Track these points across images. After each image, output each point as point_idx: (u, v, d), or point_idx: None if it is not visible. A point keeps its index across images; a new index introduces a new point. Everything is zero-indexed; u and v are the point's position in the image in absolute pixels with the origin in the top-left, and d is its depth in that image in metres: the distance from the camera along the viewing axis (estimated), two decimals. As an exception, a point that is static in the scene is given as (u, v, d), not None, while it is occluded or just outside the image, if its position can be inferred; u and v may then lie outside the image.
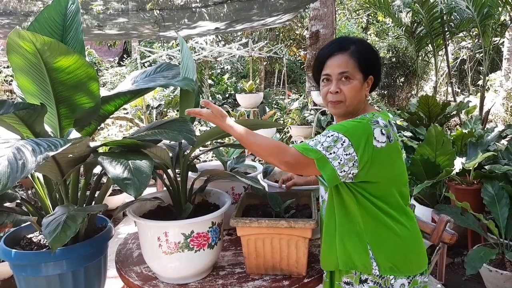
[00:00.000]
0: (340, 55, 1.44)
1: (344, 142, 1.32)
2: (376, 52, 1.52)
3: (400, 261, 1.41)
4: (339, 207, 1.46)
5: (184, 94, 1.72)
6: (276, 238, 1.61)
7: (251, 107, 5.65)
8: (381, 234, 1.41)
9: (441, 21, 6.15)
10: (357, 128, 1.35)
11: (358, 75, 1.43)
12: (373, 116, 1.40)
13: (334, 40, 1.52)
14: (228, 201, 1.71)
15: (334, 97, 1.45)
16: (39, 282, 1.70)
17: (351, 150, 1.32)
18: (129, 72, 12.27)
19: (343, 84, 1.43)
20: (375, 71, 1.49)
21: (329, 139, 1.34)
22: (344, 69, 1.42)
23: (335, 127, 1.37)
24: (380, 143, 1.35)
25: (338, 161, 1.32)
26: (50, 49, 1.28)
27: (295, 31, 12.63)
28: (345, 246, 1.44)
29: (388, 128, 1.39)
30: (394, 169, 1.42)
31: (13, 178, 1.07)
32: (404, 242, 1.42)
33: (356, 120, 1.40)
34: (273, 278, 1.64)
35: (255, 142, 1.40)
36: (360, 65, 1.43)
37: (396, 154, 1.42)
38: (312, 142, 1.36)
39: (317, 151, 1.33)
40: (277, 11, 5.98)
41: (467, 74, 11.63)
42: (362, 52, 1.44)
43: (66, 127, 1.61)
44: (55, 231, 1.30)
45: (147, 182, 1.29)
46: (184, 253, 1.55)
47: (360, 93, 1.45)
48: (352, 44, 1.45)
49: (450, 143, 3.22)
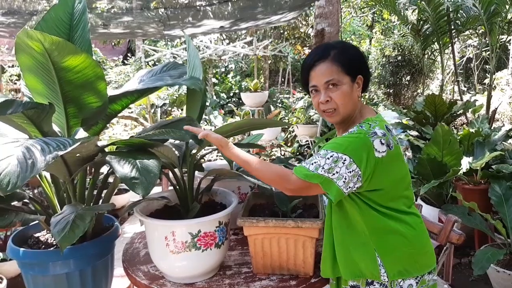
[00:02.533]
0: (322, 63, 1.40)
1: (345, 161, 1.31)
2: (359, 50, 1.48)
3: (408, 263, 1.40)
4: (341, 218, 1.45)
5: (191, 93, 1.72)
6: (283, 238, 1.60)
7: (256, 106, 5.64)
8: (387, 239, 1.40)
9: (447, 19, 6.10)
10: (356, 144, 1.33)
11: (345, 79, 1.39)
12: (369, 127, 1.37)
13: (315, 49, 1.48)
14: (235, 200, 1.71)
15: (327, 106, 1.43)
16: (46, 280, 1.71)
17: (354, 166, 1.31)
18: (134, 71, 12.29)
19: (332, 91, 1.40)
20: (363, 69, 1.45)
21: (329, 161, 1.32)
22: (329, 77, 1.39)
23: (332, 146, 1.35)
24: (381, 153, 1.33)
25: (343, 180, 1.31)
26: (58, 49, 1.28)
27: (300, 29, 12.60)
28: (351, 256, 1.43)
29: (387, 135, 1.37)
30: (397, 174, 1.41)
31: (22, 177, 1.07)
32: (411, 243, 1.41)
33: (352, 135, 1.36)
34: (280, 277, 1.64)
35: (257, 170, 1.42)
36: (345, 68, 1.39)
37: (398, 159, 1.40)
38: (312, 166, 1.34)
39: (319, 175, 1.32)
40: (282, 9, 5.96)
41: (473, 72, 11.55)
42: (344, 55, 1.41)
43: (73, 127, 1.61)
44: (64, 230, 1.31)
45: (155, 181, 1.29)
46: (191, 252, 1.55)
47: (351, 96, 1.41)
48: (332, 50, 1.41)
49: (457, 142, 3.20)
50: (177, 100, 9.39)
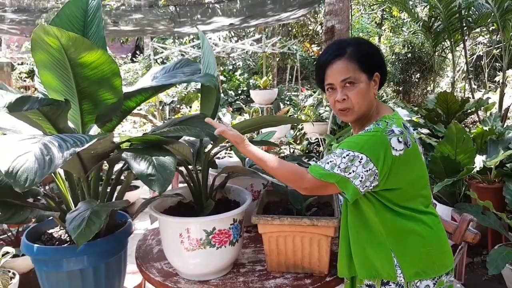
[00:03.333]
0: (338, 61, 1.37)
1: (361, 160, 1.29)
2: (376, 47, 1.45)
3: (426, 264, 1.38)
4: (357, 218, 1.43)
5: (205, 90, 1.71)
6: (298, 236, 1.59)
7: (265, 103, 5.62)
8: (404, 239, 1.38)
9: (459, 16, 6.03)
10: (373, 142, 1.31)
11: (362, 77, 1.37)
12: (386, 125, 1.34)
13: (330, 46, 1.44)
14: (248, 198, 1.70)
15: (343, 105, 1.40)
16: (60, 277, 1.71)
17: (371, 165, 1.29)
18: (142, 68, 12.32)
19: (348, 90, 1.37)
20: (379, 67, 1.42)
21: (345, 160, 1.30)
22: (346, 75, 1.36)
23: (349, 145, 1.33)
24: (398, 152, 1.31)
25: (360, 179, 1.29)
26: (75, 45, 1.28)
27: (308, 27, 12.54)
28: (367, 256, 1.41)
29: (404, 133, 1.34)
30: (414, 173, 1.38)
31: (40, 174, 1.06)
32: (429, 243, 1.38)
33: (369, 133, 1.34)
34: (294, 276, 1.63)
35: (273, 168, 1.41)
36: (361, 66, 1.36)
37: (415, 157, 1.38)
38: (327, 165, 1.32)
39: (335, 174, 1.31)
40: (292, 6, 5.93)
41: (484, 70, 11.42)
42: (360, 52, 1.38)
43: (88, 123, 1.61)
44: (80, 227, 1.30)
45: (171, 178, 1.29)
46: (205, 249, 1.55)
47: (368, 94, 1.39)
48: (348, 47, 1.38)
49: (471, 140, 3.16)
50: (185, 98, 9.40)
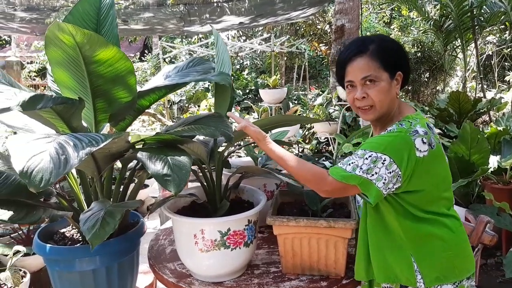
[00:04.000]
0: (360, 58, 1.34)
1: (384, 161, 1.25)
2: (399, 45, 1.41)
3: (446, 268, 1.34)
4: (376, 221, 1.40)
5: (219, 89, 1.69)
6: (314, 237, 1.56)
7: (274, 102, 5.59)
8: (425, 243, 1.34)
9: (471, 15, 5.96)
10: (396, 143, 1.27)
11: (384, 75, 1.33)
12: (410, 125, 1.30)
13: (352, 42, 1.42)
14: (263, 199, 1.67)
15: (362, 103, 1.36)
16: (73, 277, 1.69)
17: (394, 167, 1.25)
18: (151, 67, 12.35)
19: (369, 88, 1.34)
20: (403, 65, 1.38)
21: (367, 161, 1.26)
22: (367, 72, 1.32)
23: (371, 146, 1.29)
24: (422, 153, 1.27)
25: (383, 181, 1.26)
26: (90, 42, 1.26)
27: (317, 26, 12.48)
28: (386, 261, 1.38)
29: (429, 134, 1.30)
30: (438, 174, 1.35)
31: (56, 174, 1.04)
32: (450, 247, 1.35)
33: (392, 134, 1.30)
34: (310, 278, 1.60)
35: (293, 168, 1.38)
36: (384, 64, 1.32)
37: (439, 159, 1.34)
38: (349, 167, 1.29)
39: (357, 176, 1.27)
40: (302, 5, 5.90)
41: (494, 69, 11.30)
42: (383, 49, 1.34)
43: (101, 122, 1.59)
44: (94, 227, 1.28)
45: (187, 178, 1.26)
46: (220, 251, 1.52)
47: (389, 93, 1.35)
48: (371, 44, 1.34)
49: (485, 140, 3.11)
50: (193, 97, 9.41)
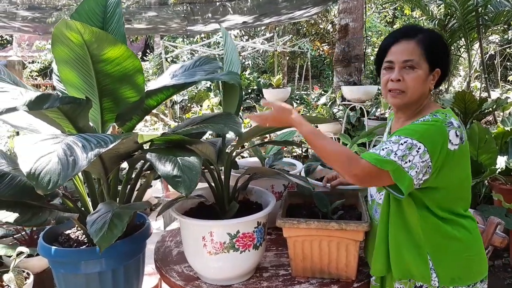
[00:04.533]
0: (406, 42, 1.34)
1: (419, 149, 1.21)
2: (445, 44, 1.39)
3: (462, 270, 1.32)
4: (396, 217, 1.36)
5: (228, 88, 1.66)
6: (325, 240, 1.52)
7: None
8: (442, 243, 1.32)
9: (475, 14, 5.92)
10: (432, 132, 1.24)
11: (424, 65, 1.32)
12: (445, 117, 1.28)
13: (400, 28, 1.42)
14: (272, 200, 1.64)
15: (395, 85, 1.34)
16: (78, 279, 1.66)
17: (427, 156, 1.22)
18: (153, 67, 12.32)
19: (407, 73, 1.33)
20: (443, 64, 1.37)
21: (402, 147, 1.22)
22: (409, 57, 1.32)
23: (407, 132, 1.25)
24: (454, 146, 1.25)
25: (416, 170, 1.22)
26: (98, 40, 1.23)
27: (319, 25, 12.45)
28: (402, 256, 1.35)
29: (461, 128, 1.29)
30: (463, 171, 1.33)
31: (64, 176, 1.01)
32: (467, 249, 1.33)
33: (428, 122, 1.28)
34: (320, 281, 1.57)
35: (323, 145, 1.30)
36: (427, 54, 1.32)
37: (466, 155, 1.32)
38: (383, 152, 1.24)
39: (392, 161, 1.22)
40: (305, 4, 5.86)
41: (497, 69, 11.26)
42: (430, 41, 1.33)
43: (108, 122, 1.56)
44: (102, 230, 1.26)
45: (197, 179, 1.23)
46: (229, 253, 1.49)
47: (424, 85, 1.34)
48: (420, 32, 1.34)
49: (493, 141, 3.08)
50: (196, 96, 9.37)
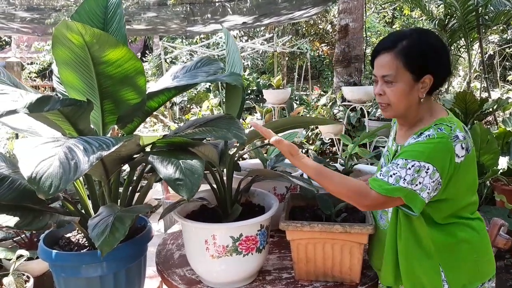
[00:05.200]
0: (385, 54, 1.29)
1: (428, 170, 1.20)
2: (436, 46, 1.30)
3: (472, 274, 1.32)
4: (406, 230, 1.34)
5: (230, 90, 1.64)
6: (329, 243, 1.51)
7: (278, 103, 5.54)
8: (453, 250, 1.31)
9: (476, 14, 5.91)
10: (439, 150, 1.22)
11: (405, 77, 1.27)
12: (450, 130, 1.25)
13: (389, 34, 1.36)
14: (275, 203, 1.62)
15: (379, 99, 1.34)
16: (79, 283, 1.64)
17: (437, 175, 1.20)
18: (152, 68, 12.31)
19: (387, 86, 1.30)
20: (435, 68, 1.29)
21: (410, 171, 1.21)
22: (387, 71, 1.28)
23: (413, 155, 1.23)
24: (460, 158, 1.23)
25: (427, 191, 1.21)
26: (99, 42, 1.21)
27: (318, 26, 12.44)
28: (413, 269, 1.33)
29: (467, 138, 1.26)
30: (470, 178, 1.31)
31: (65, 180, 1.00)
32: (476, 249, 1.33)
33: (433, 140, 1.23)
34: (324, 284, 1.55)
35: (331, 184, 1.32)
36: (408, 65, 1.26)
37: (473, 163, 1.31)
38: (391, 179, 1.23)
39: (402, 188, 1.21)
40: (304, 4, 5.85)
41: (495, 69, 11.26)
42: (413, 49, 1.26)
43: (109, 124, 1.54)
44: (104, 234, 1.24)
45: (199, 183, 1.21)
46: (232, 257, 1.48)
47: (408, 96, 1.29)
48: (402, 40, 1.27)
49: (495, 141, 3.06)
50: (195, 97, 9.35)
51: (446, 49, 1.34)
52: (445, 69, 1.34)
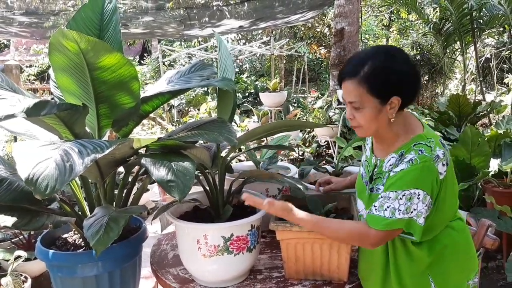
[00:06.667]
0: (349, 81, 1.29)
1: (419, 195, 1.24)
2: (399, 68, 1.28)
3: (457, 277, 1.37)
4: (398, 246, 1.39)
5: (222, 94, 1.69)
6: (318, 243, 1.56)
7: (275, 106, 5.60)
8: (440, 257, 1.36)
9: (470, 18, 5.98)
10: (425, 175, 1.25)
11: (371, 102, 1.28)
12: (431, 151, 1.26)
13: (352, 58, 1.34)
14: (266, 203, 1.67)
15: (351, 122, 1.37)
16: (75, 283, 1.69)
17: (428, 198, 1.25)
18: (150, 71, 12.37)
19: (355, 111, 1.32)
20: (402, 89, 1.28)
21: (402, 201, 1.25)
22: (352, 98, 1.30)
23: (401, 185, 1.26)
24: (443, 174, 1.27)
25: (423, 216, 1.26)
26: (94, 49, 1.26)
27: (316, 29, 12.51)
28: (405, 284, 1.38)
29: (446, 154, 1.28)
30: (453, 188, 1.36)
31: (61, 181, 1.05)
32: (458, 250, 1.38)
33: (417, 166, 1.25)
34: (313, 283, 1.60)
35: (332, 232, 1.38)
36: (373, 90, 1.26)
37: (452, 172, 1.34)
38: (387, 213, 1.27)
39: (399, 220, 1.25)
40: (301, 8, 5.92)
41: (492, 72, 11.33)
42: (377, 74, 1.25)
43: (104, 127, 1.59)
44: (98, 233, 1.29)
45: (191, 184, 1.27)
46: (223, 256, 1.52)
47: (378, 119, 1.31)
48: (363, 66, 1.26)
49: (486, 144, 3.12)
50: (193, 100, 9.41)
51: (412, 68, 1.32)
52: (413, 89, 1.33)
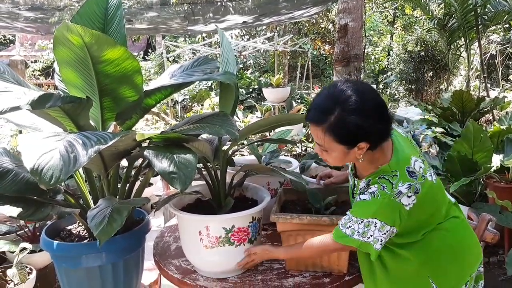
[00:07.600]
0: (315, 127, 1.27)
1: (376, 224, 1.29)
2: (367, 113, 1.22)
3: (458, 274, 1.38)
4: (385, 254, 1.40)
5: (224, 88, 1.71)
6: (318, 234, 1.57)
7: (278, 101, 5.61)
8: (436, 258, 1.37)
9: (474, 14, 5.95)
10: (383, 209, 1.28)
11: (338, 148, 1.29)
12: (392, 188, 1.26)
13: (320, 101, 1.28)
14: (267, 196, 1.69)
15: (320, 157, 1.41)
16: (79, 273, 1.72)
17: (387, 227, 1.29)
18: (154, 66, 12.39)
19: (324, 152, 1.35)
20: (367, 137, 1.25)
21: (361, 226, 1.32)
22: (320, 142, 1.31)
23: (360, 212, 1.32)
24: (410, 205, 1.28)
25: (380, 242, 1.31)
26: (98, 43, 1.28)
27: (320, 25, 12.48)
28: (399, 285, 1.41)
29: (412, 185, 1.26)
30: (432, 206, 1.37)
31: (65, 171, 1.07)
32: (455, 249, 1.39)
33: (377, 200, 1.28)
34: (313, 274, 1.62)
35: (302, 252, 1.50)
36: (340, 140, 1.26)
37: (430, 193, 1.32)
38: (348, 230, 1.35)
39: (355, 240, 1.34)
40: (305, 4, 5.91)
41: (497, 68, 11.27)
42: (341, 126, 1.22)
43: (108, 120, 1.62)
44: (102, 224, 1.31)
45: (192, 175, 1.29)
46: (224, 247, 1.55)
47: (346, 158, 1.34)
48: (330, 115, 1.23)
49: (488, 139, 3.11)
50: (197, 95, 9.44)
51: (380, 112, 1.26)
52: (381, 133, 1.29)
